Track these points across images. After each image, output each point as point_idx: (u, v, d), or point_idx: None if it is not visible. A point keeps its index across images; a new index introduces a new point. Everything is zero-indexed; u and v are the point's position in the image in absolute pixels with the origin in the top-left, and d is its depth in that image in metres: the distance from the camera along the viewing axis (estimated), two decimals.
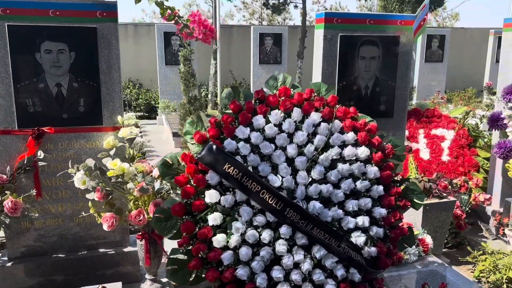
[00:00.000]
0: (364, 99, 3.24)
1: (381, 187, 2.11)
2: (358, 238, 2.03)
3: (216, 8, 10.84)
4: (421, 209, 3.13)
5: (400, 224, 2.21)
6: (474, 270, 3.17)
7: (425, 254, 3.00)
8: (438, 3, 15.81)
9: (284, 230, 1.96)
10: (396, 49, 3.21)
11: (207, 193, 2.00)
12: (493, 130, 3.67)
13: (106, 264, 2.85)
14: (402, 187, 2.23)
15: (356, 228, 2.07)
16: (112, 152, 2.60)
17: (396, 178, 2.20)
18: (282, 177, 2.04)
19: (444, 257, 3.44)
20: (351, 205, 2.06)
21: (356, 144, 2.17)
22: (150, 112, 11.00)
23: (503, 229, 3.44)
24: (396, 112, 3.34)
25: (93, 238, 2.86)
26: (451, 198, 3.19)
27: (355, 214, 2.08)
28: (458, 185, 3.67)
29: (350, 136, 2.15)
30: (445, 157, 4.12)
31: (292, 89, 2.27)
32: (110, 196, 2.50)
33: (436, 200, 3.14)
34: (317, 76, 3.15)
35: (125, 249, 2.88)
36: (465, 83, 14.65)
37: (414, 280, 2.76)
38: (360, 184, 2.09)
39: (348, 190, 2.08)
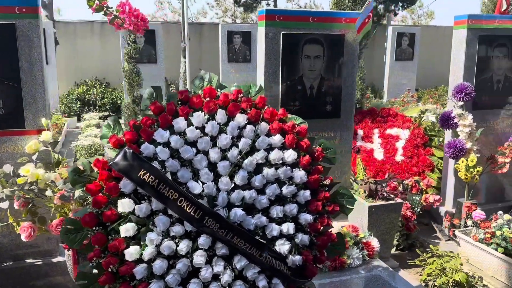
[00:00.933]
0: (309, 99, 3.15)
1: (308, 192, 2.01)
2: (282, 246, 1.93)
3: (184, 5, 10.66)
4: (367, 211, 3.06)
5: (329, 230, 2.11)
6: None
7: (370, 258, 2.92)
8: (410, 1, 15.93)
9: (202, 240, 1.84)
10: (341, 48, 3.13)
11: (119, 202, 1.86)
12: (445, 129, 3.63)
13: (34, 275, 2.69)
14: (332, 191, 2.14)
15: (282, 235, 1.97)
16: (34, 157, 2.44)
17: (325, 182, 2.10)
18: (204, 184, 1.92)
19: (395, 259, 3.39)
20: (276, 211, 1.96)
21: (283, 147, 2.07)
22: (116, 112, 10.73)
23: (453, 231, 3.40)
24: (343, 112, 3.27)
25: (19, 248, 2.69)
26: (398, 200, 3.13)
27: (280, 221, 1.98)
28: (409, 186, 3.63)
29: (277, 139, 2.04)
30: (399, 157, 4.08)
31: (219, 90, 2.16)
32: (30, 204, 2.34)
33: (382, 202, 3.07)
34: (260, 75, 3.05)
35: (55, 259, 2.73)
36: (437, 81, 14.81)
37: (355, 285, 2.68)
38: (286, 190, 1.99)
39: (273, 196, 1.98)
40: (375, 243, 3.01)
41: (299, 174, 2.02)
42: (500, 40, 3.59)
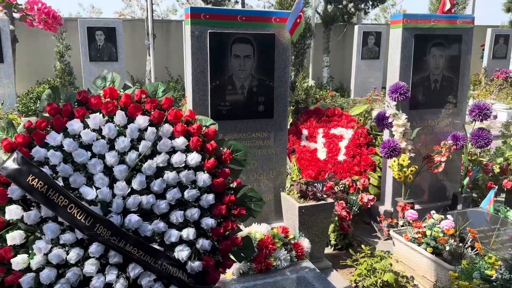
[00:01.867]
0: (240, 99, 3.10)
1: (211, 196, 1.96)
2: (180, 253, 1.87)
3: (148, 2, 10.47)
4: (297, 212, 3.03)
5: (237, 234, 2.07)
6: None
7: (299, 259, 2.90)
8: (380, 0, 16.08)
9: (93, 248, 1.77)
10: (272, 48, 3.09)
11: (7, 208, 1.77)
12: (381, 129, 3.64)
13: None
14: (240, 194, 2.09)
15: (183, 241, 1.91)
16: None
17: (232, 185, 2.05)
18: (98, 189, 1.84)
19: (332, 259, 3.38)
20: (176, 216, 1.90)
21: (188, 150, 2.01)
22: None
23: (388, 230, 3.41)
24: (276, 113, 3.23)
25: None
26: (330, 200, 3.11)
27: (182, 226, 1.93)
28: (347, 186, 3.62)
29: (179, 141, 1.98)
30: (341, 157, 4.07)
31: (122, 90, 2.08)
32: None
33: (313, 203, 3.05)
34: (188, 75, 2.97)
35: None
36: None
37: None
38: (188, 194, 1.93)
39: (174, 201, 1.92)
40: (305, 243, 2.99)
41: (203, 178, 1.96)
42: (437, 40, 3.61)
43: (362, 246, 3.19)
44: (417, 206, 3.83)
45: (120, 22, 9.22)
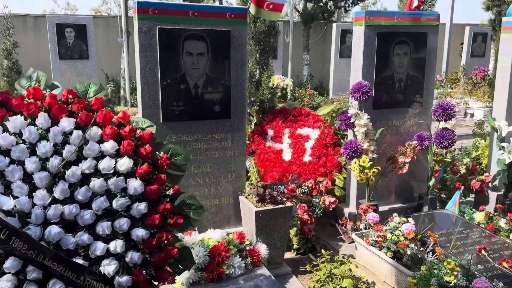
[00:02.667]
0: (194, 99, 2.95)
1: (142, 205, 1.82)
2: (107, 267, 1.72)
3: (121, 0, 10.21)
4: (253, 216, 2.91)
5: (175, 244, 1.93)
6: None
7: (255, 266, 2.77)
8: None
9: (9, 263, 1.61)
10: (228, 45, 2.95)
11: None
12: (344, 129, 3.55)
13: None
14: (178, 202, 1.95)
15: (111, 254, 1.77)
16: None
17: (168, 192, 1.91)
18: (16, 198, 1.69)
19: (294, 264, 3.27)
20: (102, 228, 1.75)
21: (118, 154, 1.86)
22: None
23: (351, 233, 3.31)
24: (234, 113, 3.09)
25: None
26: (288, 204, 3.00)
27: (111, 238, 1.78)
28: (310, 188, 3.51)
29: (108, 145, 1.83)
30: (307, 158, 3.96)
31: (48, 90, 1.92)
32: None
33: (270, 207, 2.93)
34: (137, 73, 2.82)
35: None
36: None
37: None
38: (116, 203, 1.79)
39: (101, 211, 1.77)
40: (263, 249, 2.86)
41: (134, 185, 1.82)
42: (401, 37, 3.52)
43: (322, 250, 3.07)
44: (383, 208, 3.75)
45: (91, 19, 8.95)
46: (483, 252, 2.79)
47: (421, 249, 2.85)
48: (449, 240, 3.03)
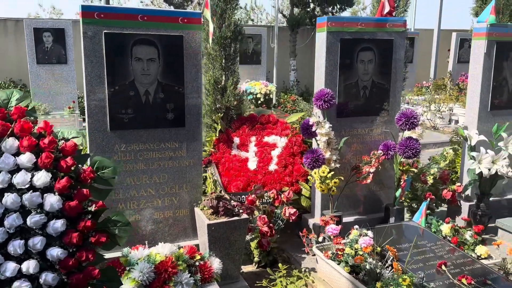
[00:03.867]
0: (145, 106, 2.83)
1: (59, 222, 1.69)
2: None
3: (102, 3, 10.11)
4: (206, 229, 2.79)
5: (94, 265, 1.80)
6: None
7: (206, 282, 2.64)
8: (347, 3, 16.04)
9: None
10: (180, 50, 2.84)
11: None
12: (307, 138, 3.44)
13: None
14: (102, 218, 1.83)
15: (24, 275, 1.64)
16: None
17: (90, 208, 1.79)
18: None
19: (252, 278, 3.15)
20: (14, 247, 1.62)
21: (37, 168, 1.74)
22: None
23: (312, 246, 3.20)
24: (189, 121, 2.98)
25: None
26: (244, 216, 2.88)
27: (25, 258, 1.65)
28: (271, 198, 3.40)
29: (24, 158, 1.70)
30: (273, 166, 3.85)
31: None
32: None
33: (224, 219, 2.81)
34: (83, 80, 2.69)
35: None
36: None
37: None
38: (31, 220, 1.66)
39: (13, 228, 1.64)
40: (216, 264, 2.73)
41: (50, 201, 1.69)
42: (365, 44, 3.43)
43: (280, 264, 2.97)
44: (349, 219, 3.65)
45: (70, 23, 8.80)
46: (443, 267, 2.69)
47: (380, 263, 2.74)
48: (411, 254, 2.93)
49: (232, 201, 3.62)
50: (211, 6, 3.87)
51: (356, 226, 3.08)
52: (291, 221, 3.28)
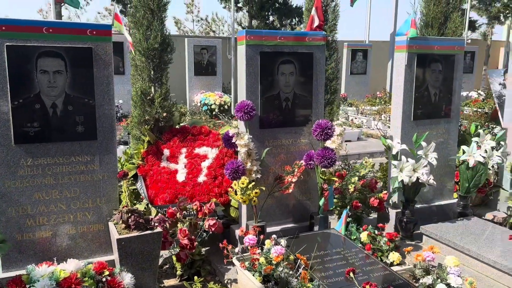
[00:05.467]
0: (52, 119, 2.78)
1: None
2: None
3: (52, 14, 9.90)
4: (116, 245, 2.74)
5: None
6: None
7: None
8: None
9: None
10: (89, 62, 2.81)
11: None
12: (229, 149, 3.46)
13: None
14: None
15: None
16: None
17: None
18: None
19: None
20: None
21: None
22: None
23: (231, 257, 3.20)
24: (101, 133, 2.94)
25: None
26: (158, 229, 2.85)
27: None
28: (195, 210, 3.39)
29: None
30: (202, 178, 3.84)
31: None
32: None
33: (136, 233, 2.77)
34: None
35: None
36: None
37: None
38: None
39: None
40: (127, 279, 2.69)
41: None
42: (285, 57, 3.51)
43: (195, 277, 2.95)
44: (275, 228, 3.68)
45: None
46: (351, 274, 2.74)
47: (291, 272, 2.77)
48: (324, 261, 2.98)
49: (158, 214, 3.59)
50: (137, 18, 3.87)
51: (274, 236, 3.10)
52: (210, 232, 3.27)
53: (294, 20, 16.05)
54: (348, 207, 3.72)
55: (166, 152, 4.01)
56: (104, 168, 2.99)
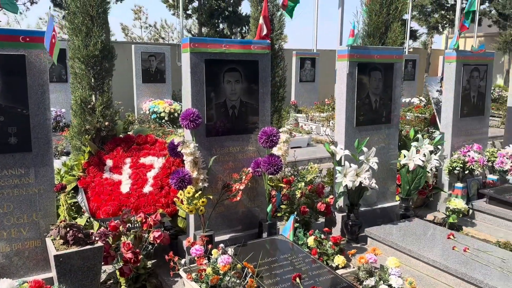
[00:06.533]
0: None
1: None
2: None
3: None
4: (53, 262, 2.60)
5: None
6: None
7: None
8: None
9: None
10: (22, 70, 2.67)
11: None
12: (174, 158, 3.41)
13: None
14: None
15: None
16: None
17: None
18: None
19: None
20: None
21: None
22: None
23: (178, 269, 3.13)
24: (36, 145, 2.79)
25: None
26: (98, 244, 2.74)
27: None
28: (139, 222, 3.29)
29: None
30: (147, 188, 3.75)
31: None
32: None
33: (74, 249, 2.65)
34: None
35: None
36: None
37: None
38: None
39: None
40: None
41: None
42: (231, 65, 3.52)
43: None
44: (223, 237, 3.65)
45: None
46: (297, 280, 2.77)
47: (238, 281, 2.75)
48: (272, 268, 2.99)
49: (101, 227, 3.45)
50: (76, 25, 3.73)
51: (221, 245, 3.07)
52: (156, 244, 3.19)
53: (244, 28, 16.17)
54: (296, 213, 3.76)
55: (109, 162, 3.88)
56: (40, 181, 2.83)
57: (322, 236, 3.41)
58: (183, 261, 3.03)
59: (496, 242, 4.11)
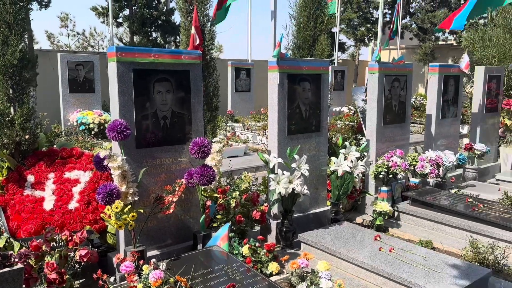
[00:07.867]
0: None
1: None
2: None
3: None
4: None
5: None
6: None
7: None
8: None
9: None
10: None
11: None
12: (100, 172, 3.28)
13: None
14: None
15: None
16: None
17: None
18: None
19: None
20: None
21: None
22: None
23: (108, 287, 3.00)
24: None
25: None
26: (18, 266, 2.55)
27: None
28: (65, 241, 3.11)
29: None
30: (73, 204, 3.56)
31: None
32: None
33: None
34: None
35: None
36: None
37: None
38: None
39: None
40: None
41: None
42: (161, 75, 3.46)
43: None
44: (155, 252, 3.55)
45: None
46: None
47: None
48: (206, 280, 2.96)
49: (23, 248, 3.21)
50: None
51: (153, 260, 2.99)
52: (83, 263, 3.03)
53: (178, 37, 16.00)
54: (230, 222, 3.76)
55: (31, 178, 3.63)
56: None
57: (257, 244, 3.45)
58: (112, 278, 2.90)
59: (419, 241, 4.41)
